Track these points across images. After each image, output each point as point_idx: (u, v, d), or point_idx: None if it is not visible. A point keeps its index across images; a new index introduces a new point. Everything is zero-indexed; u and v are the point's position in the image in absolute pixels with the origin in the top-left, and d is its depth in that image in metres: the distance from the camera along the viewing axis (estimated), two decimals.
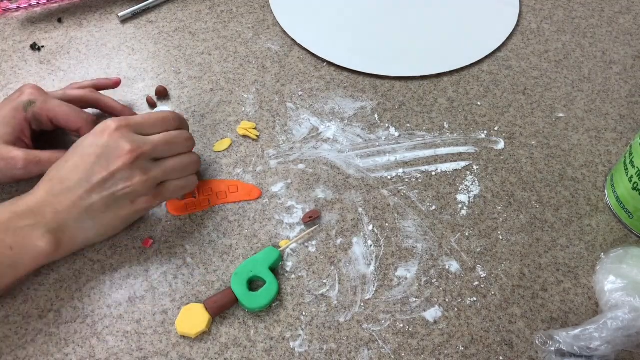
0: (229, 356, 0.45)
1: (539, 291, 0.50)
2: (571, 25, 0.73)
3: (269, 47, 0.68)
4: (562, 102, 0.64)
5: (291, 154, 0.58)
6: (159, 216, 0.53)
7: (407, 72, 0.65)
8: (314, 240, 0.52)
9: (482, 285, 0.50)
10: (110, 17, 0.70)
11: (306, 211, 0.53)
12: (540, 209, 0.55)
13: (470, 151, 0.59)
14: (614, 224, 0.54)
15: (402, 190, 0.55)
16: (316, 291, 0.49)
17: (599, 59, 0.69)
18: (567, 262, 0.52)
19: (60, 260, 0.49)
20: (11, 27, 0.68)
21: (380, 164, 0.57)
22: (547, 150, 0.59)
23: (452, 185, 0.56)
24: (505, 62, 0.68)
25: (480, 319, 0.48)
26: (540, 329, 0.48)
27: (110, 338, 0.46)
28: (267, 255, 0.49)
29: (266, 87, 0.63)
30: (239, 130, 0.59)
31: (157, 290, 0.48)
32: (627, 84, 0.66)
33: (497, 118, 0.62)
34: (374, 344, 0.46)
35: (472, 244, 0.52)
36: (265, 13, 0.72)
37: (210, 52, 0.67)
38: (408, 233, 0.53)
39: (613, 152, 0.60)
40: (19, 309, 0.47)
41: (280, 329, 0.47)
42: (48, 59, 0.65)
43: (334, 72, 0.66)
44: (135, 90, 0.62)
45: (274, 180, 0.56)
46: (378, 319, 0.47)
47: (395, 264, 0.51)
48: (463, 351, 0.46)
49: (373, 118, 0.61)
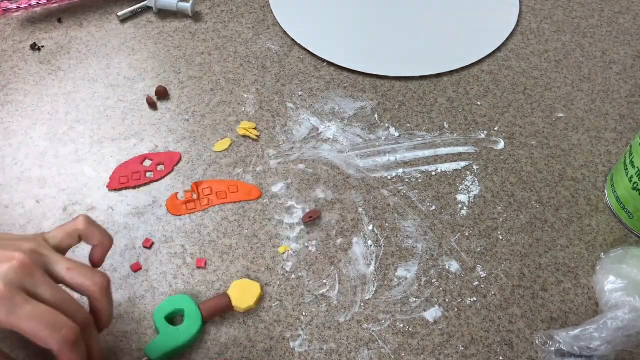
0: (229, 356, 0.45)
1: (539, 291, 0.50)
2: (571, 25, 0.73)
3: (269, 47, 0.68)
4: (562, 102, 0.64)
5: (291, 154, 0.58)
6: (159, 216, 0.53)
7: (407, 72, 0.65)
8: (314, 240, 0.52)
9: (482, 285, 0.50)
10: (110, 17, 0.70)
11: (306, 211, 0.53)
12: (540, 209, 0.55)
13: (470, 151, 0.59)
14: (614, 224, 0.54)
15: (402, 190, 0.55)
16: (316, 291, 0.49)
17: (599, 59, 0.69)
18: (567, 262, 0.52)
19: None
20: (11, 27, 0.68)
21: (380, 164, 0.57)
22: (547, 150, 0.59)
23: (452, 185, 0.56)
24: (505, 62, 0.68)
25: (480, 319, 0.48)
26: (540, 329, 0.48)
27: (110, 338, 0.46)
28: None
29: (266, 87, 0.63)
30: (239, 130, 0.59)
31: (157, 290, 0.48)
32: (627, 84, 0.66)
33: (497, 118, 0.62)
34: (374, 344, 0.46)
35: (472, 244, 0.52)
36: (265, 13, 0.72)
37: (210, 52, 0.67)
38: (408, 233, 0.53)
39: (613, 152, 0.60)
40: None
41: (280, 329, 0.47)
42: (48, 59, 0.65)
43: (334, 72, 0.66)
44: (135, 90, 0.62)
45: (274, 180, 0.56)
46: (378, 319, 0.47)
47: (395, 264, 0.51)
48: (463, 351, 0.46)
49: (373, 118, 0.61)
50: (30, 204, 0.53)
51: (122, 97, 0.62)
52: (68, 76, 0.63)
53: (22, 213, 0.52)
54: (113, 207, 0.53)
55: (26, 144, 0.57)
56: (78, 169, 0.56)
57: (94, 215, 0.52)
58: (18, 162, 0.56)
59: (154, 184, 0.55)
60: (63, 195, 0.54)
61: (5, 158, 0.56)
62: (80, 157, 0.56)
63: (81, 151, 0.57)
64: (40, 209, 0.53)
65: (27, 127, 0.59)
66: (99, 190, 0.54)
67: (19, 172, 0.55)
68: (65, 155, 0.57)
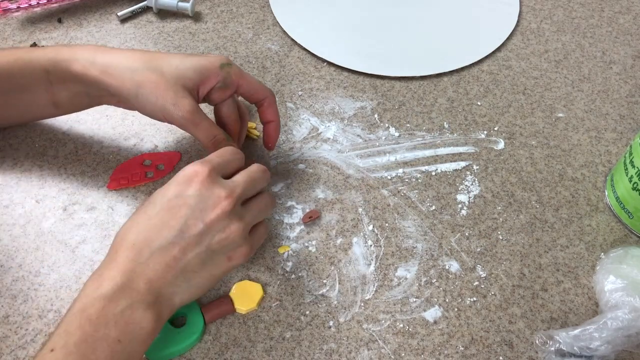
0: (229, 356, 0.45)
1: (539, 291, 0.50)
2: (571, 25, 0.73)
3: (269, 47, 0.68)
4: (562, 102, 0.64)
5: (291, 154, 0.58)
6: None
7: (407, 72, 0.65)
8: (314, 240, 0.52)
9: (482, 285, 0.50)
10: (110, 17, 0.70)
11: (306, 211, 0.53)
12: (540, 209, 0.55)
13: (470, 151, 0.59)
14: (614, 224, 0.54)
15: (402, 190, 0.55)
16: (316, 291, 0.49)
17: (599, 59, 0.69)
18: (567, 262, 0.52)
19: (60, 260, 0.50)
20: (11, 27, 0.68)
21: (380, 164, 0.57)
22: (547, 150, 0.59)
23: (452, 185, 0.56)
24: (505, 62, 0.68)
25: (480, 319, 0.48)
26: (540, 329, 0.48)
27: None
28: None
29: None
30: None
31: None
32: (627, 84, 0.66)
33: (497, 118, 0.62)
34: (374, 344, 0.46)
35: (472, 244, 0.52)
36: (265, 13, 0.72)
37: (210, 52, 0.67)
38: (408, 233, 0.53)
39: (613, 152, 0.60)
40: (19, 309, 0.47)
41: (280, 329, 0.47)
42: None
43: (334, 72, 0.66)
44: None
45: (274, 180, 0.56)
46: (378, 319, 0.47)
47: (395, 264, 0.51)
48: (463, 351, 0.46)
49: (373, 118, 0.61)
50: (30, 204, 0.53)
51: None
52: None
53: (22, 213, 0.52)
54: (113, 207, 0.53)
55: (26, 143, 0.57)
56: (78, 169, 0.56)
57: (94, 215, 0.52)
58: (18, 162, 0.56)
59: (154, 184, 0.55)
60: (63, 195, 0.54)
61: (5, 158, 0.56)
62: (80, 157, 0.56)
63: (81, 151, 0.57)
64: (40, 209, 0.53)
65: (27, 127, 0.59)
66: (98, 190, 0.54)
67: (19, 172, 0.55)
68: (65, 155, 0.57)
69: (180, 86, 0.47)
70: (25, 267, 0.49)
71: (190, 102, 0.47)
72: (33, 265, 0.49)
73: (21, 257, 0.50)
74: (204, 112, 0.48)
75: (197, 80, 0.48)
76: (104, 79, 0.47)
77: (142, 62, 0.47)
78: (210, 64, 0.48)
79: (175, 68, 0.47)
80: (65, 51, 0.49)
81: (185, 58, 0.48)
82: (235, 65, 0.50)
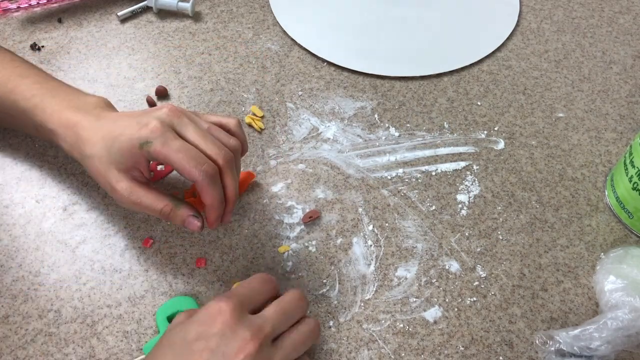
0: None
1: (539, 291, 0.50)
2: (571, 25, 0.73)
3: (269, 47, 0.68)
4: (562, 102, 0.64)
5: (291, 154, 0.58)
6: None
7: (407, 72, 0.65)
8: (314, 240, 0.52)
9: (482, 285, 0.50)
10: (110, 17, 0.70)
11: (306, 211, 0.54)
12: (540, 209, 0.55)
13: (470, 151, 0.59)
14: (614, 224, 0.54)
15: (402, 190, 0.55)
16: (316, 291, 0.49)
17: (599, 59, 0.69)
18: (567, 262, 0.52)
19: (60, 260, 0.50)
20: (11, 27, 0.68)
21: (380, 164, 0.57)
22: (547, 150, 0.59)
23: (452, 185, 0.56)
24: (505, 62, 0.68)
25: (480, 319, 0.48)
26: (540, 329, 0.48)
27: (110, 338, 0.46)
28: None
29: (266, 87, 0.63)
30: (247, 118, 0.59)
31: (157, 290, 0.48)
32: (627, 84, 0.66)
33: (497, 118, 0.62)
34: (374, 344, 0.46)
35: (472, 244, 0.52)
36: (265, 13, 0.72)
37: (210, 52, 0.67)
38: (408, 233, 0.53)
39: (613, 152, 0.60)
40: (19, 309, 0.47)
41: None
42: (48, 59, 0.65)
43: (334, 72, 0.66)
44: (135, 90, 0.62)
45: (274, 180, 0.56)
46: (378, 319, 0.47)
47: (395, 264, 0.51)
48: (463, 351, 0.46)
49: (373, 118, 0.61)
50: (30, 204, 0.53)
51: (122, 97, 0.62)
52: (68, 76, 0.63)
53: (22, 213, 0.52)
54: (113, 207, 0.53)
55: (26, 143, 0.57)
56: (78, 169, 0.56)
57: (94, 215, 0.52)
58: (18, 162, 0.56)
59: (154, 184, 0.55)
60: (63, 195, 0.54)
61: (5, 158, 0.56)
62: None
63: None
64: (40, 209, 0.53)
65: None
66: (99, 190, 0.54)
67: (19, 172, 0.55)
68: (65, 155, 0.56)
69: (115, 171, 0.44)
70: (25, 267, 0.49)
71: (125, 185, 0.44)
72: (33, 265, 0.49)
73: (21, 257, 0.50)
74: (144, 189, 0.45)
75: (128, 163, 0.44)
76: (70, 151, 0.47)
77: (98, 149, 0.45)
78: (131, 146, 0.43)
79: (107, 153, 0.44)
80: (46, 104, 0.48)
81: (116, 139, 0.44)
82: (158, 142, 0.43)
